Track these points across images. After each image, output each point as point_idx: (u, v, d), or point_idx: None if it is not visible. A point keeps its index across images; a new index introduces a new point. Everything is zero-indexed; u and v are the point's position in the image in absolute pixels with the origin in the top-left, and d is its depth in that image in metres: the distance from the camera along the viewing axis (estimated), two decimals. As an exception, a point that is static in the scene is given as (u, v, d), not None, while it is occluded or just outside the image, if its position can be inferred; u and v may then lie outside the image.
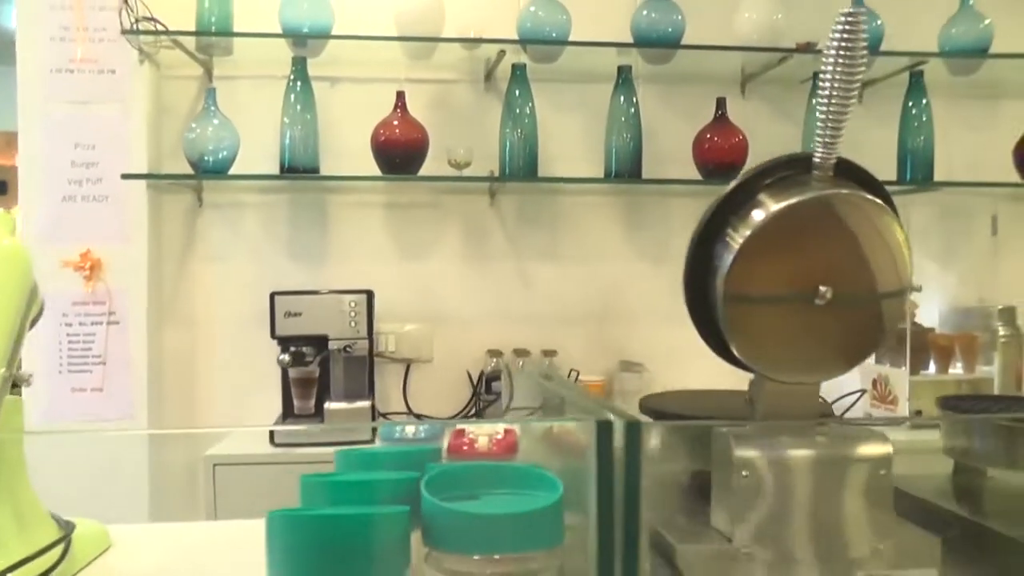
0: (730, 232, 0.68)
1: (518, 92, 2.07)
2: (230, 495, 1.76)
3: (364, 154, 2.04)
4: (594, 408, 0.61)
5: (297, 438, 1.84)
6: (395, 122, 2.03)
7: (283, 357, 1.88)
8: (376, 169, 2.04)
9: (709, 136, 2.13)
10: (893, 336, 2.04)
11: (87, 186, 2.02)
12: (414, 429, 0.86)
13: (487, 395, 2.14)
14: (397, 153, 2.02)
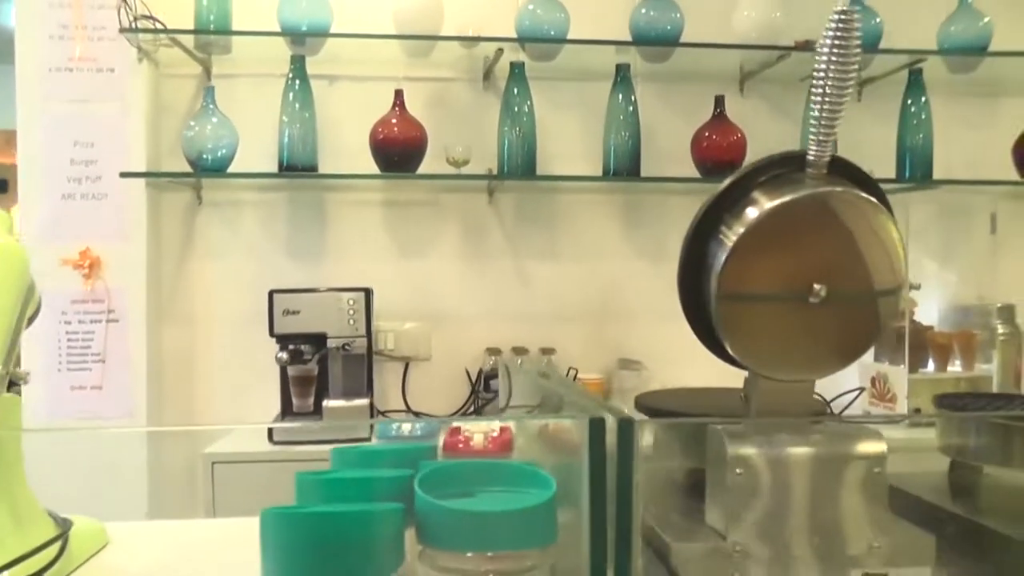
0: (724, 230, 0.68)
1: (516, 90, 2.07)
2: (229, 493, 1.76)
3: (363, 152, 2.04)
4: (588, 406, 0.62)
5: (295, 436, 1.84)
6: (393, 120, 2.03)
7: (281, 355, 1.88)
8: (374, 167, 2.04)
9: (707, 134, 2.13)
10: (892, 334, 2.04)
11: (86, 184, 2.02)
12: (410, 427, 0.87)
13: (485, 393, 2.14)
14: (395, 151, 2.02)
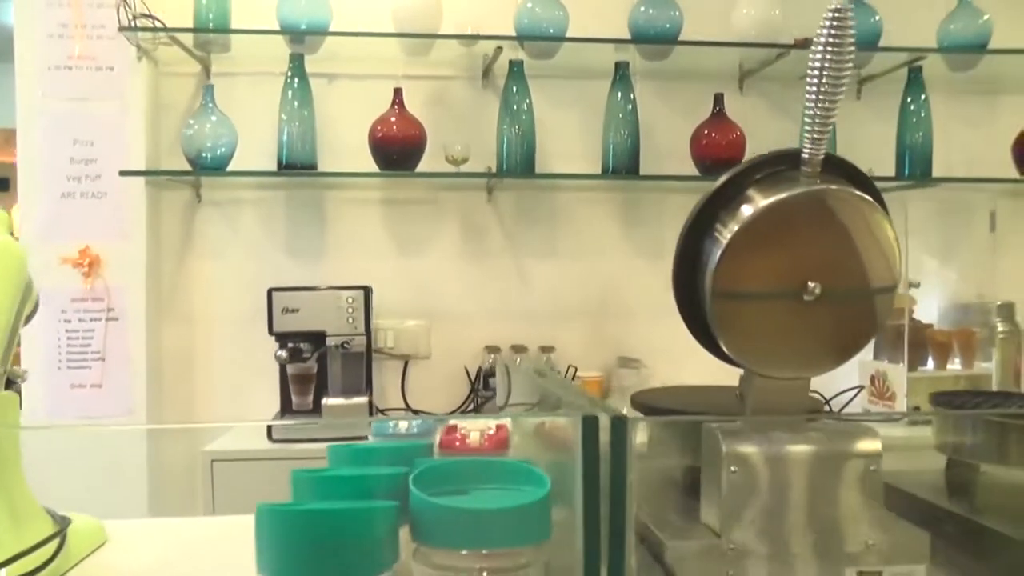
0: (719, 227, 0.68)
1: (516, 88, 2.07)
2: (228, 491, 1.76)
3: (362, 150, 2.04)
4: (581, 404, 0.62)
5: (295, 434, 1.84)
6: (392, 118, 2.03)
7: (280, 353, 1.88)
8: (373, 165, 2.04)
9: (707, 132, 2.13)
10: (891, 332, 2.04)
11: (86, 183, 2.02)
12: (407, 425, 0.87)
13: (485, 391, 2.14)
14: (395, 149, 2.02)
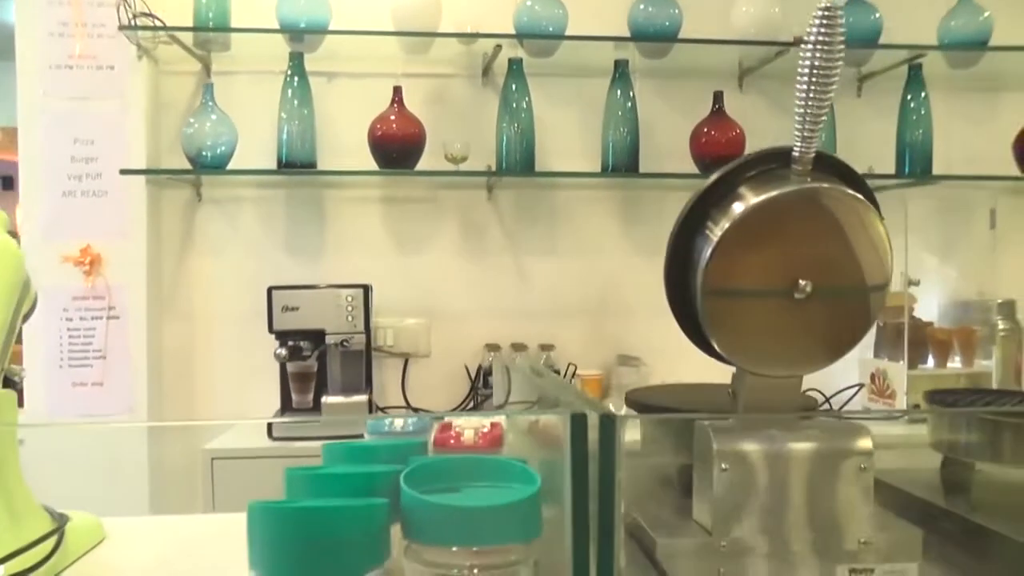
0: (710, 225, 0.68)
1: (515, 87, 2.07)
2: (228, 489, 1.77)
3: (361, 149, 2.04)
4: (571, 401, 0.62)
5: (294, 432, 1.85)
6: (392, 117, 2.03)
7: (280, 351, 1.89)
8: (373, 164, 2.05)
9: (706, 130, 2.13)
10: (891, 330, 2.04)
11: (87, 181, 2.02)
12: (402, 422, 0.87)
13: (484, 389, 2.14)
14: (394, 148, 2.03)
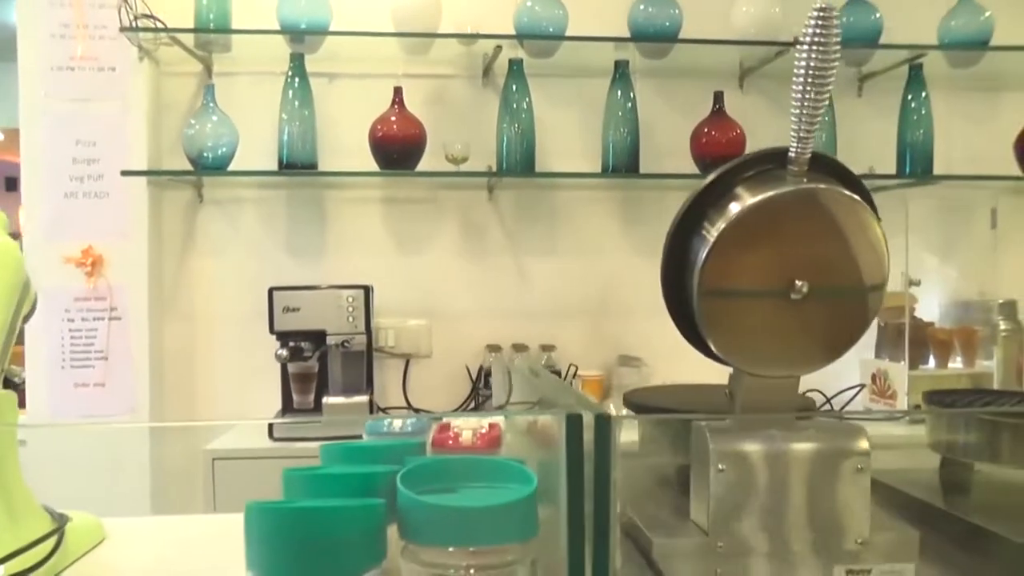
0: (706, 226, 0.68)
1: (515, 87, 2.07)
2: (229, 489, 1.77)
3: (362, 150, 2.05)
4: (567, 402, 0.62)
5: (295, 432, 1.85)
6: (392, 118, 2.04)
7: (281, 352, 1.89)
8: (374, 165, 2.05)
9: (707, 130, 2.13)
10: (892, 330, 2.04)
11: (88, 183, 2.03)
12: (401, 423, 0.87)
13: (485, 390, 2.14)
14: (395, 149, 2.03)
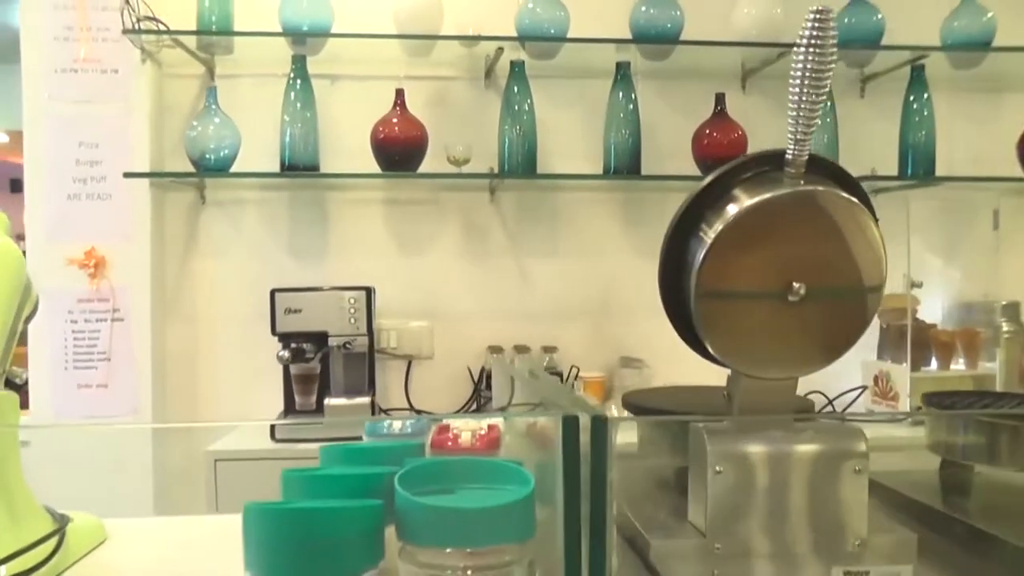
0: (704, 227, 0.68)
1: (517, 89, 2.08)
2: (231, 490, 1.77)
3: (364, 151, 2.05)
4: (564, 404, 0.62)
5: (297, 433, 1.86)
6: (394, 119, 2.04)
7: (283, 353, 1.89)
8: (376, 166, 2.05)
9: (708, 132, 2.13)
10: (894, 332, 2.03)
11: (91, 184, 2.04)
12: (400, 424, 0.87)
13: (487, 391, 2.15)
14: (396, 150, 2.03)
